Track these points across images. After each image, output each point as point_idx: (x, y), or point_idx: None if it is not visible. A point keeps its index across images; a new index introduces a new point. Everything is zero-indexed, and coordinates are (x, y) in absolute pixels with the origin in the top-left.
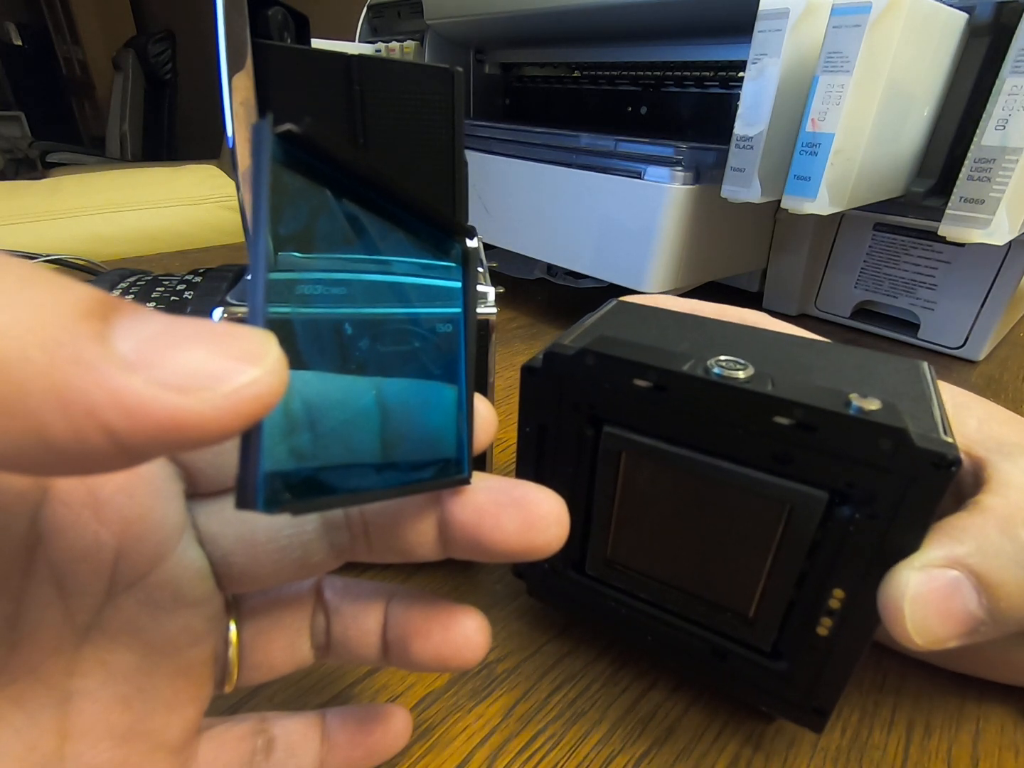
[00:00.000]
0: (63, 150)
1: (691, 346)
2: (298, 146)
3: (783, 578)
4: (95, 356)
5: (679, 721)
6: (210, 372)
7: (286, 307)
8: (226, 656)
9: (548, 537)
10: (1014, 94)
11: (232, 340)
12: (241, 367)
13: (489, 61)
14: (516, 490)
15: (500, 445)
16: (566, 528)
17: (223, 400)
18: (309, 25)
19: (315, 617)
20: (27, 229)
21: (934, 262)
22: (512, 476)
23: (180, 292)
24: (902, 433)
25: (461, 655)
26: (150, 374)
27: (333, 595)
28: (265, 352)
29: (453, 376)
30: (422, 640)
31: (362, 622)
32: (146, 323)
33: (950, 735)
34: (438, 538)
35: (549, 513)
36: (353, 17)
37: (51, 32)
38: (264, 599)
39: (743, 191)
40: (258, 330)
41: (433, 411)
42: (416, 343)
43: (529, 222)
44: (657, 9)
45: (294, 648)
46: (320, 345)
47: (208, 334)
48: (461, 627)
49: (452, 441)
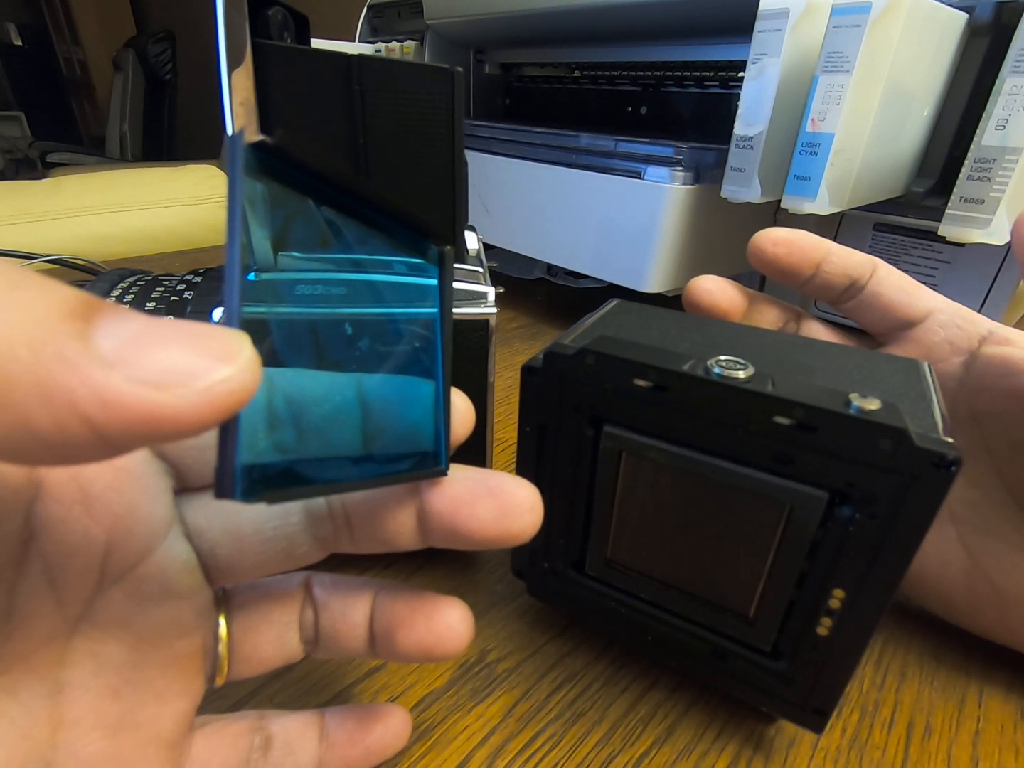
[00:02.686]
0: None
1: (691, 346)
2: (273, 155)
3: (783, 578)
4: (77, 354)
5: (679, 721)
6: (185, 370)
7: (264, 307)
8: (216, 649)
9: (522, 524)
10: (1014, 94)
11: (207, 340)
12: (215, 365)
13: (489, 61)
14: (491, 480)
15: (500, 445)
16: (539, 515)
17: (197, 396)
18: (309, 25)
19: (304, 612)
20: (27, 229)
21: (934, 262)
22: None
23: (180, 292)
24: (902, 433)
25: (444, 645)
26: (128, 371)
27: (321, 590)
28: (239, 351)
29: (431, 372)
30: (406, 631)
31: (349, 615)
32: (126, 323)
33: (950, 735)
34: (417, 528)
35: (523, 501)
36: (353, 17)
37: (51, 32)
38: (253, 594)
39: (743, 191)
40: (233, 331)
41: (412, 406)
42: (395, 340)
43: (529, 222)
44: (657, 9)
45: (283, 642)
46: (299, 343)
47: (185, 334)
48: (444, 617)
49: (430, 435)
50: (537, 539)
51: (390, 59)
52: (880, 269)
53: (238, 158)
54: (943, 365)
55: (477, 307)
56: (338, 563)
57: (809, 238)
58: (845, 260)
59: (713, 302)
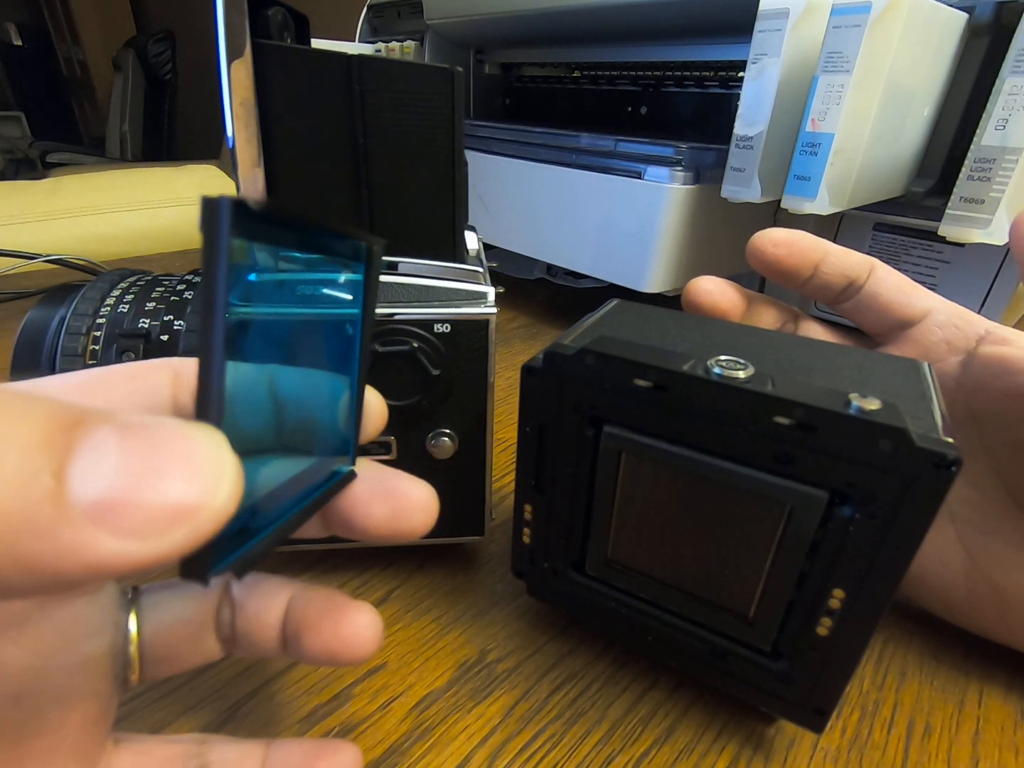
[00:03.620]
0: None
1: (691, 346)
2: (249, 216)
3: (783, 578)
4: (53, 520)
5: (679, 721)
6: (175, 515)
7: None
8: (126, 651)
9: (414, 524)
10: (1014, 94)
11: (197, 460)
12: (206, 499)
13: (489, 61)
14: (390, 480)
15: (500, 445)
16: (433, 515)
17: (187, 537)
18: (309, 25)
19: (221, 611)
20: (27, 229)
21: (934, 262)
22: (511, 476)
23: (180, 292)
24: (902, 433)
25: (350, 650)
26: (115, 525)
27: (240, 589)
28: (226, 466)
29: (347, 369)
30: (313, 634)
31: (263, 616)
32: (111, 445)
33: (950, 735)
34: (319, 519)
35: (417, 503)
36: (353, 17)
37: (51, 32)
38: (166, 593)
39: (743, 191)
40: (217, 437)
41: (324, 402)
42: (314, 336)
43: (529, 222)
44: (657, 9)
45: (198, 641)
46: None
47: (177, 457)
48: (351, 622)
49: (340, 431)
50: (537, 539)
51: (390, 59)
52: (878, 269)
53: (225, 228)
54: (941, 365)
55: (477, 307)
56: (338, 562)
57: (808, 239)
58: (843, 260)
59: (713, 303)
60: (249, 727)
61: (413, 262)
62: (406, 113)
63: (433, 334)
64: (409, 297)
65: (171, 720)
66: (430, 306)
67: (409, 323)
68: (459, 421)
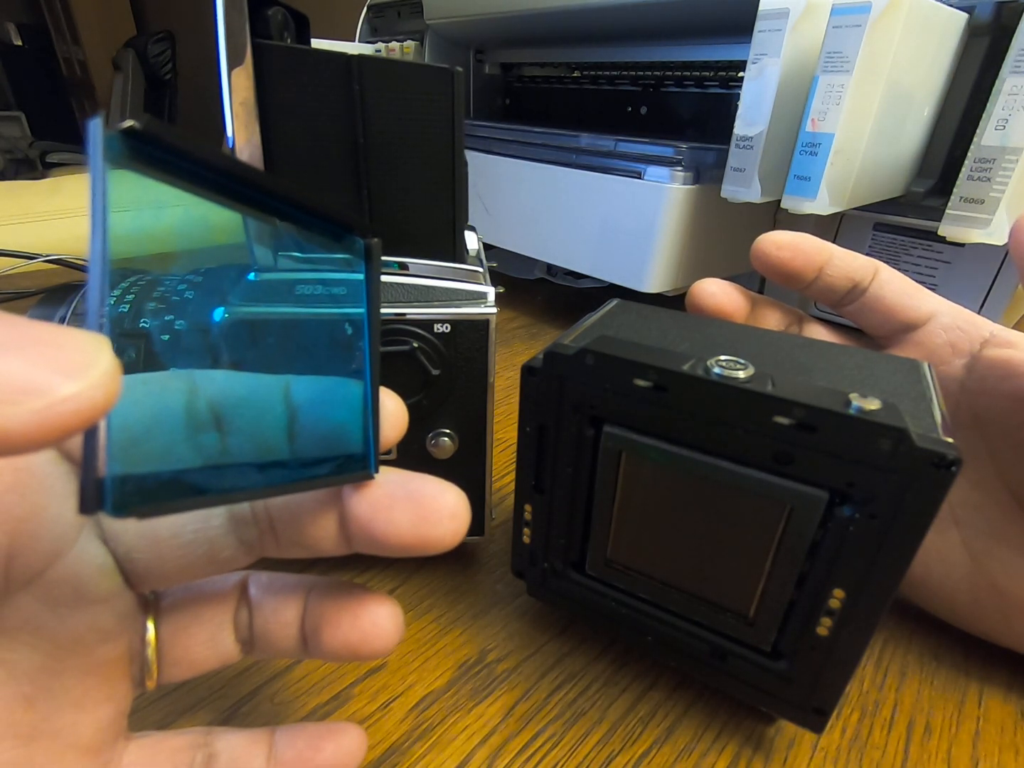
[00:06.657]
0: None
1: (691, 346)
2: (147, 142)
3: (783, 578)
4: None
5: (679, 721)
6: (22, 386)
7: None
8: (144, 653)
9: (442, 531)
10: (1014, 94)
11: (56, 350)
12: (59, 381)
13: (489, 61)
14: (412, 483)
15: (500, 445)
16: (463, 522)
17: (30, 416)
18: (309, 25)
19: (238, 612)
20: (27, 229)
21: (934, 262)
22: (511, 476)
23: (180, 292)
24: (902, 433)
25: (370, 644)
26: None
27: (256, 590)
28: (92, 363)
29: (359, 372)
30: (332, 629)
31: (281, 615)
32: None
33: (950, 735)
34: (340, 533)
35: (444, 507)
36: (353, 17)
37: (51, 32)
38: (184, 595)
39: (743, 191)
40: (90, 336)
41: (340, 408)
42: (323, 340)
43: (529, 222)
44: (657, 9)
45: (216, 643)
46: (192, 343)
47: (31, 342)
48: (371, 616)
49: (358, 437)
50: (537, 539)
51: (390, 59)
52: (882, 272)
53: (97, 146)
54: (945, 368)
55: (477, 307)
56: (340, 562)
57: (812, 242)
58: (847, 264)
59: (717, 305)
60: (249, 727)
61: (413, 262)
62: (406, 113)
63: (433, 334)
64: (409, 297)
65: (171, 720)
66: (430, 306)
67: (409, 323)
68: (459, 421)
